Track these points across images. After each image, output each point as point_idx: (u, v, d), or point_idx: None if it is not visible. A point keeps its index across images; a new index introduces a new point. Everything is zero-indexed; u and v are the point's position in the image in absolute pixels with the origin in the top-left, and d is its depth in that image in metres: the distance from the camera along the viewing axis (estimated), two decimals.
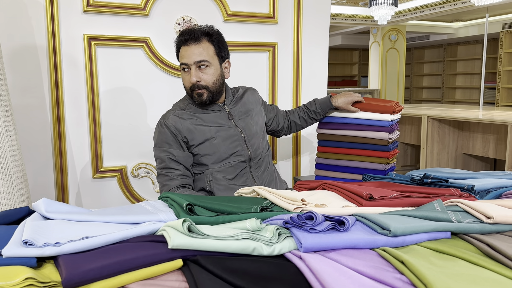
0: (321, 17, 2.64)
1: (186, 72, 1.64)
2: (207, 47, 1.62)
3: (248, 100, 1.83)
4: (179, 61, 1.66)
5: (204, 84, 1.62)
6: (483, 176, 1.40)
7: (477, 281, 0.69)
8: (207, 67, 1.62)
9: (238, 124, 1.73)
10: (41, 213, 0.97)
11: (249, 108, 1.80)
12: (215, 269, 0.69)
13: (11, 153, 1.57)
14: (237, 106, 1.77)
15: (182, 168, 1.64)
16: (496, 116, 3.79)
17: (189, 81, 1.63)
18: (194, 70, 1.60)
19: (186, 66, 1.62)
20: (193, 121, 1.66)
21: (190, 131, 1.64)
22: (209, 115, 1.69)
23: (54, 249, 0.77)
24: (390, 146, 2.01)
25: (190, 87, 1.64)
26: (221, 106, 1.72)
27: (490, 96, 8.59)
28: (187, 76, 1.63)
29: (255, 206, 1.02)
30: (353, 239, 0.81)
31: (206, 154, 1.66)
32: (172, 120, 1.65)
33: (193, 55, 1.59)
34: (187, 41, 1.61)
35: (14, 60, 2.06)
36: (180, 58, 1.65)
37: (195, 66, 1.60)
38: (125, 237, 0.82)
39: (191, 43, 1.60)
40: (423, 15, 7.06)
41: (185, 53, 1.61)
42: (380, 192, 1.11)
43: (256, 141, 1.76)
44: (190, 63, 1.60)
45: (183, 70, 1.65)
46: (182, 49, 1.63)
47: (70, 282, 0.66)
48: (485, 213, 0.94)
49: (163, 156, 1.63)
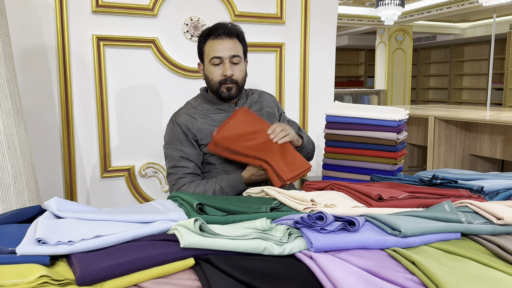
0: (328, 18, 2.64)
1: (217, 66, 1.62)
2: (238, 44, 1.65)
3: (263, 102, 1.82)
4: (207, 55, 1.63)
5: (235, 79, 1.63)
6: (492, 177, 1.40)
7: (488, 282, 0.69)
8: (239, 63, 1.63)
9: None
10: (52, 212, 0.98)
11: (262, 107, 1.79)
12: (227, 268, 0.69)
13: (22, 153, 1.59)
14: (248, 105, 1.76)
15: (193, 165, 1.64)
16: (503, 117, 3.77)
17: (220, 75, 1.62)
18: (228, 64, 1.61)
19: (219, 60, 1.61)
20: (204, 121, 1.66)
21: (200, 130, 1.65)
22: (220, 115, 1.69)
23: (67, 248, 0.78)
24: (398, 147, 2.00)
25: (220, 80, 1.62)
26: (232, 107, 1.72)
27: (497, 97, 8.54)
28: (219, 70, 1.62)
29: (265, 206, 1.03)
30: (364, 240, 0.82)
31: (214, 154, 1.66)
32: (183, 119, 1.66)
33: (228, 49, 1.60)
34: (221, 35, 1.61)
35: (24, 61, 2.08)
36: (210, 52, 1.62)
37: (229, 60, 1.61)
38: (137, 236, 0.83)
39: (225, 37, 1.61)
40: (430, 15, 7.03)
41: (220, 46, 1.61)
42: (389, 193, 1.11)
43: None
44: (225, 56, 1.60)
45: (212, 64, 1.62)
46: (214, 42, 1.62)
47: (84, 280, 0.67)
48: (496, 214, 0.93)
49: (174, 154, 1.64)
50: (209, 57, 1.63)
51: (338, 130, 2.12)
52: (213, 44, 1.62)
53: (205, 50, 1.65)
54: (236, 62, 1.63)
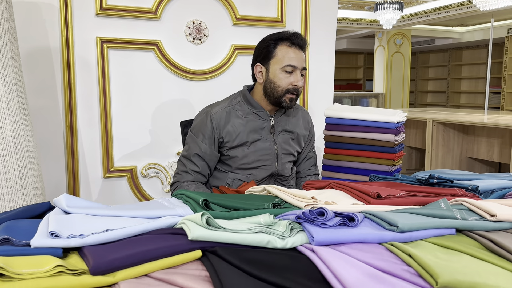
0: (328, 21, 2.69)
1: (289, 74, 1.62)
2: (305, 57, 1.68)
3: (299, 122, 1.83)
4: (280, 60, 1.62)
5: (300, 91, 1.66)
6: (488, 177, 1.44)
7: (481, 274, 0.73)
8: (303, 76, 1.66)
9: (276, 140, 1.72)
10: (62, 208, 1.01)
11: (294, 131, 1.79)
12: (233, 259, 0.73)
13: (28, 152, 1.62)
14: (284, 121, 1.76)
15: (203, 165, 1.66)
16: (501, 120, 3.82)
17: (289, 83, 1.62)
18: (299, 75, 1.62)
19: (293, 68, 1.61)
20: (237, 122, 1.66)
21: (229, 133, 1.65)
22: (254, 122, 1.68)
23: (79, 240, 0.81)
24: (396, 148, 2.04)
25: (288, 89, 1.62)
26: (268, 116, 1.71)
27: (495, 100, 8.60)
28: (289, 78, 1.62)
29: (267, 203, 1.07)
30: (362, 234, 0.85)
31: (235, 157, 1.67)
32: (219, 116, 1.66)
33: (302, 61, 1.63)
34: (297, 45, 1.62)
35: (29, 62, 2.11)
36: (285, 58, 1.61)
37: (299, 70, 1.62)
38: (146, 229, 0.86)
39: (300, 49, 1.63)
40: (428, 19, 7.10)
41: (296, 56, 1.62)
42: (387, 191, 1.15)
43: (286, 160, 1.77)
44: (299, 66, 1.62)
45: (284, 70, 1.62)
46: (290, 50, 1.62)
47: (97, 269, 0.70)
48: (489, 211, 0.97)
49: (192, 147, 1.66)
50: (282, 63, 1.61)
51: (337, 131, 2.16)
52: (289, 51, 1.61)
53: (277, 54, 1.62)
54: (303, 74, 1.65)
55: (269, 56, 1.64)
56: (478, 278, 0.71)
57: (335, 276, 0.69)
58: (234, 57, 2.49)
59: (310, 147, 1.93)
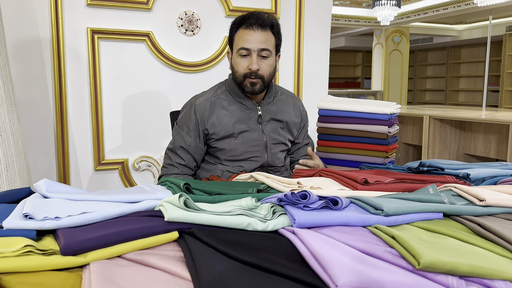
0: (322, 14, 2.66)
1: (244, 57, 1.54)
2: (271, 37, 1.56)
3: (288, 110, 1.75)
4: (236, 45, 1.56)
5: (261, 74, 1.55)
6: (480, 166, 1.42)
7: (466, 255, 0.70)
8: (267, 57, 1.55)
9: (264, 129, 1.66)
10: (41, 193, 0.99)
11: (283, 119, 1.72)
12: (210, 240, 0.71)
13: (14, 141, 1.60)
14: (271, 109, 1.69)
15: (189, 158, 1.62)
16: (498, 116, 3.80)
17: (246, 67, 1.54)
18: (255, 57, 1.53)
19: (247, 51, 1.53)
20: (222, 113, 1.61)
21: (214, 125, 1.60)
22: (240, 112, 1.63)
23: (53, 223, 0.78)
24: (390, 140, 2.02)
25: (245, 73, 1.55)
26: (255, 106, 1.65)
27: (493, 98, 8.59)
28: (245, 62, 1.54)
29: (252, 188, 1.04)
30: (346, 217, 0.83)
31: (223, 149, 1.63)
32: (202, 107, 1.61)
33: (257, 42, 1.52)
34: (253, 25, 1.52)
35: (18, 53, 2.09)
36: (239, 42, 1.54)
37: (257, 53, 1.53)
38: (123, 212, 0.84)
39: (257, 28, 1.52)
40: (426, 16, 7.07)
41: (250, 37, 1.52)
42: (375, 178, 1.13)
43: (276, 150, 1.71)
44: (253, 49, 1.52)
45: (239, 55, 1.55)
46: (244, 32, 1.54)
47: (68, 249, 0.68)
48: (478, 196, 0.95)
49: (177, 140, 1.63)
50: (237, 47, 1.55)
51: (330, 123, 2.14)
52: (243, 34, 1.54)
53: (235, 38, 1.57)
54: (264, 56, 1.54)
55: (231, 42, 1.60)
56: (462, 259, 0.68)
57: (313, 255, 0.66)
58: (227, 49, 2.46)
59: (304, 134, 1.86)
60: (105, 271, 0.64)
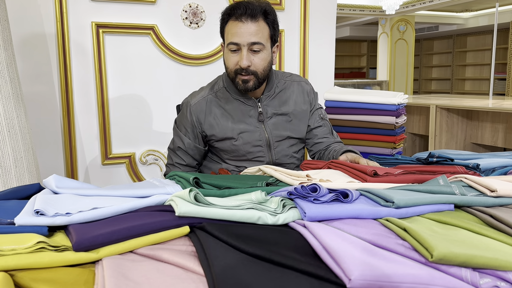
0: (328, 4, 2.64)
1: (234, 53, 1.40)
2: (263, 27, 1.39)
3: (293, 100, 1.58)
4: (226, 38, 1.41)
5: (253, 70, 1.40)
6: (489, 156, 1.41)
7: (478, 246, 0.70)
8: (260, 51, 1.39)
9: (266, 127, 1.53)
10: (51, 188, 0.99)
11: (288, 112, 1.56)
12: (221, 234, 0.71)
13: (22, 137, 1.60)
14: (273, 103, 1.55)
15: (189, 158, 1.58)
16: (505, 105, 3.77)
17: (236, 63, 1.40)
18: (246, 52, 1.37)
19: (236, 46, 1.38)
20: (219, 113, 1.51)
21: (211, 126, 1.51)
22: (239, 111, 1.51)
23: (64, 219, 0.79)
24: (397, 131, 2.01)
25: (236, 70, 1.41)
26: (255, 102, 1.52)
27: (500, 87, 8.51)
28: (235, 57, 1.40)
29: (261, 181, 1.04)
30: (356, 209, 0.82)
31: (224, 151, 1.55)
32: (198, 108, 1.52)
33: (247, 35, 1.35)
34: (242, 16, 1.35)
35: (24, 48, 2.09)
36: (228, 35, 1.39)
37: (247, 47, 1.37)
38: (134, 207, 0.84)
39: (246, 20, 1.35)
40: (432, 5, 6.99)
41: (238, 30, 1.36)
42: (384, 169, 1.12)
43: (283, 147, 1.57)
44: (242, 43, 1.36)
45: (229, 49, 1.41)
46: (233, 25, 1.37)
47: (80, 245, 0.68)
48: (489, 187, 0.94)
49: (175, 141, 1.59)
50: (227, 41, 1.40)
51: (337, 115, 2.13)
52: (232, 26, 1.38)
53: (225, 31, 1.41)
54: (256, 50, 1.38)
55: (222, 34, 1.46)
56: (475, 251, 0.68)
57: (325, 249, 0.66)
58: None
59: (316, 116, 1.64)
60: (118, 267, 0.64)
